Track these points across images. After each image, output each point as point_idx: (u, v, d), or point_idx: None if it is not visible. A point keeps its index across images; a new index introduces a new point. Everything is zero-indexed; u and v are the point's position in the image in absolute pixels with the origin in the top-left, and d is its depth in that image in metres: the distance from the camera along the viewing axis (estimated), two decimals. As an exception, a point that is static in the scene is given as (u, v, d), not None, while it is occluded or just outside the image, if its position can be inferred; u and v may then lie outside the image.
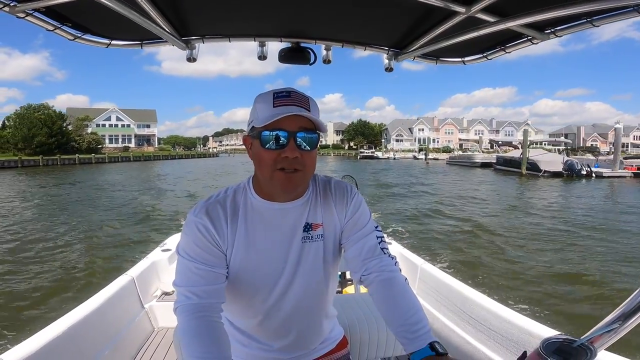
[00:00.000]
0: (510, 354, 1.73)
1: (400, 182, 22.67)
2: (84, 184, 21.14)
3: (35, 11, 1.11)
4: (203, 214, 0.87)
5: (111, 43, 1.48)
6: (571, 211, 12.51)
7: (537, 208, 13.13)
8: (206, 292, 0.84)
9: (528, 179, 24.37)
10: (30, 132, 42.85)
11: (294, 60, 1.58)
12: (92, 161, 44.18)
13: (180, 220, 8.00)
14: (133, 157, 52.04)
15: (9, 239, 8.31)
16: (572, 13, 0.98)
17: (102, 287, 2.13)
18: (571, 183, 22.20)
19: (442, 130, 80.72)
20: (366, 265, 0.93)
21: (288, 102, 0.81)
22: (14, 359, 1.34)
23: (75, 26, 1.32)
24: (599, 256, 7.09)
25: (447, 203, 14.16)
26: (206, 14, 1.35)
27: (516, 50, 1.36)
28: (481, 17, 1.12)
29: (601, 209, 13.11)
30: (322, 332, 1.05)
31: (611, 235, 8.77)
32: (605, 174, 24.47)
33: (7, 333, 4.00)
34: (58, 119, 47.02)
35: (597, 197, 16.57)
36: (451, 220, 10.78)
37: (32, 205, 13.37)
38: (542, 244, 7.94)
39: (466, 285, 2.22)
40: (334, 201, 0.96)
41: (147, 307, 2.46)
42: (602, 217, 11.33)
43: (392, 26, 1.42)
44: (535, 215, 11.76)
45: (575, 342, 0.70)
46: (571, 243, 8.05)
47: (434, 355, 0.77)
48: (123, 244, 7.80)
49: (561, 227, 9.73)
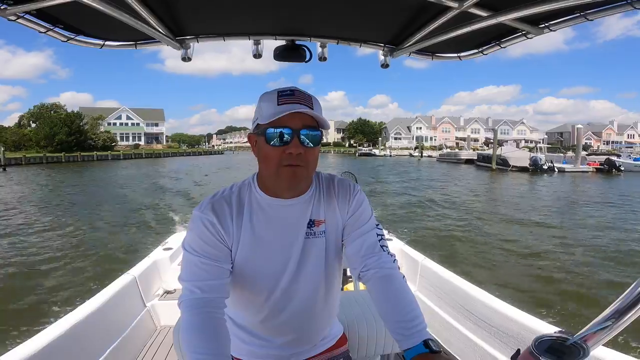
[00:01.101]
0: (509, 349, 1.75)
1: (390, 174, 26.79)
2: (105, 176, 24.75)
3: (26, 14, 1.12)
4: (209, 209, 0.89)
5: (105, 44, 1.49)
6: (511, 196, 16.50)
7: (484, 191, 17.41)
8: (211, 287, 0.86)
9: (498, 173, 28.25)
10: (51, 130, 46.87)
11: (290, 58, 1.60)
12: (108, 158, 48.20)
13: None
14: (145, 154, 56.14)
15: (46, 227, 9.35)
16: (565, 6, 0.98)
17: (104, 286, 2.18)
18: (534, 176, 25.94)
19: (439, 128, 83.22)
20: (365, 262, 0.95)
21: (292, 100, 0.84)
22: (18, 358, 1.35)
23: (68, 28, 1.33)
24: (520, 231, 9.70)
25: (416, 188, 18.34)
26: (199, 14, 1.36)
27: (511, 45, 1.38)
28: (474, 11, 1.14)
29: (536, 196, 17.14)
30: (323, 329, 1.07)
31: (530, 211, 12.59)
32: (567, 169, 28.17)
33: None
34: (76, 118, 51.04)
35: (540, 187, 20.64)
36: (413, 197, 15.04)
37: (59, 197, 15.16)
38: (479, 216, 11.43)
39: (467, 282, 2.26)
40: (337, 198, 0.98)
41: (149, 305, 2.49)
42: (529, 203, 15.17)
43: (387, 22, 1.44)
44: (479, 195, 16.04)
45: (568, 340, 0.71)
46: (507, 220, 10.81)
47: (428, 353, 0.78)
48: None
49: (488, 206, 13.66)
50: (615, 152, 45.72)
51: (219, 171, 29.59)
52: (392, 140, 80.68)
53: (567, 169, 28.32)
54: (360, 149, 73.74)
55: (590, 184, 22.16)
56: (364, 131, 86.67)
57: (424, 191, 17.26)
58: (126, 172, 29.17)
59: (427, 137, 79.57)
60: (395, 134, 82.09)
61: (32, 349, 1.43)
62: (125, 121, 67.48)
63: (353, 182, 1.03)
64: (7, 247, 7.68)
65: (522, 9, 1.05)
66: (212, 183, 19.69)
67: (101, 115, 60.24)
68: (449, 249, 7.64)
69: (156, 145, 68.06)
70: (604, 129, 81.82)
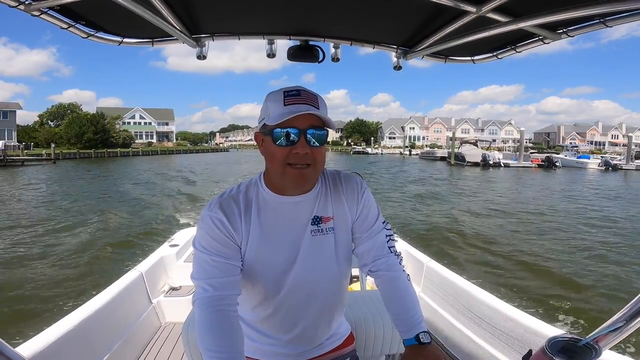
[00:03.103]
0: (515, 352, 1.78)
1: (375, 167, 34.39)
2: (135, 169, 30.37)
3: (49, 9, 1.15)
4: (217, 208, 0.92)
5: (123, 41, 1.52)
6: (444, 178, 23.99)
7: (434, 177, 24.94)
8: (222, 284, 0.89)
9: (455, 167, 35.72)
10: (80, 129, 54.45)
11: (303, 59, 1.62)
12: (129, 154, 55.74)
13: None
14: (160, 151, 63.85)
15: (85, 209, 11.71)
16: (585, 14, 0.98)
17: (112, 282, 2.26)
18: (483, 170, 33.36)
19: (431, 128, 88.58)
20: (374, 262, 1.03)
21: (299, 100, 0.87)
22: (29, 351, 1.41)
23: (89, 24, 1.36)
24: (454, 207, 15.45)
25: (385, 176, 25.88)
26: (216, 12, 1.39)
27: (527, 49, 1.38)
28: (492, 16, 1.13)
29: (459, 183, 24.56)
30: (330, 327, 1.10)
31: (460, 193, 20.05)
32: (512, 165, 35.56)
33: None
34: (100, 118, 58.58)
35: (483, 178, 28.01)
36: (380, 181, 22.40)
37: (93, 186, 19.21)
38: (423, 200, 15.55)
39: (472, 284, 2.31)
40: (345, 194, 1.01)
41: (155, 302, 2.56)
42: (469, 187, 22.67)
43: (402, 24, 1.45)
44: (423, 182, 23.42)
45: (580, 341, 0.74)
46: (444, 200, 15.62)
47: (417, 344, 0.93)
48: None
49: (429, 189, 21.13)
50: (597, 151, 52.06)
51: (234, 164, 37.40)
52: (387, 139, 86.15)
53: (512, 164, 35.81)
54: (355, 147, 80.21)
55: (524, 176, 28.89)
56: (360, 131, 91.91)
57: (396, 174, 25.06)
58: (156, 164, 36.35)
59: (419, 137, 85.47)
60: (389, 134, 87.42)
61: (41, 344, 1.49)
62: (139, 120, 74.97)
63: (358, 177, 1.07)
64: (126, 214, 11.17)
65: (542, 16, 1.05)
66: (234, 171, 27.15)
67: (119, 115, 67.92)
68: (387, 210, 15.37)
69: (167, 143, 75.55)
70: (588, 130, 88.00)
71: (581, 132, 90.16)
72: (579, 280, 6.18)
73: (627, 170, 34.58)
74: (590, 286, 5.94)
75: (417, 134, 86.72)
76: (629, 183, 25.26)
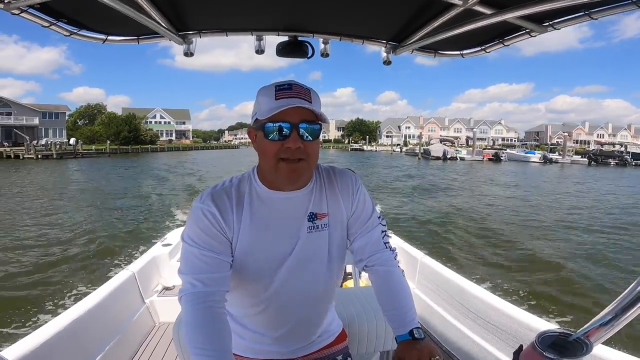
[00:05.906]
0: (508, 347, 1.83)
1: (366, 160, 44.85)
2: (168, 161, 39.91)
3: (29, 7, 1.13)
4: (209, 200, 0.92)
5: (107, 39, 1.51)
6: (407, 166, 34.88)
7: (402, 166, 35.72)
8: (211, 280, 0.88)
9: (422, 160, 46.50)
10: (117, 128, 66.46)
11: (292, 54, 1.64)
12: (157, 150, 67.63)
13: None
14: (182, 147, 75.82)
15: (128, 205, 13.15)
16: (569, 5, 1.01)
17: (104, 282, 2.26)
18: (444, 162, 43.87)
19: (426, 128, 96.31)
20: (369, 258, 1.04)
21: (290, 94, 0.87)
22: (18, 354, 1.39)
23: (71, 22, 1.35)
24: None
25: (373, 165, 36.78)
26: (203, 8, 1.39)
27: (514, 43, 1.42)
28: (478, 9, 1.16)
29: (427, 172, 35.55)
30: (321, 324, 1.10)
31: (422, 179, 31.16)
32: (466, 158, 46.46)
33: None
34: (132, 118, 70.53)
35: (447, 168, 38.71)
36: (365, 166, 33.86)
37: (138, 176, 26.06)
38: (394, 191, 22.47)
39: (466, 279, 2.36)
40: (340, 190, 1.01)
41: (148, 302, 2.58)
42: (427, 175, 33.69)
43: (390, 19, 1.47)
44: (392, 168, 34.37)
45: (571, 336, 0.75)
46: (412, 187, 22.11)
47: (410, 340, 0.94)
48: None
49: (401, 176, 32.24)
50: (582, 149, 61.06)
51: (246, 156, 48.60)
52: (384, 137, 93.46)
53: (467, 158, 46.69)
54: (352, 145, 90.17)
55: (476, 167, 38.85)
56: (360, 129, 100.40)
57: (376, 166, 35.52)
58: (192, 157, 47.15)
59: (414, 135, 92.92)
60: (386, 133, 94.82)
61: (32, 344, 1.48)
62: (159, 120, 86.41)
63: (353, 173, 1.07)
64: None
65: (527, 7, 1.07)
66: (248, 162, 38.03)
67: (145, 116, 79.93)
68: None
69: (185, 140, 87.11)
70: (574, 129, 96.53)
71: (569, 131, 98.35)
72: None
73: (563, 164, 44.88)
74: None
75: (412, 132, 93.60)
76: (547, 172, 33.56)
